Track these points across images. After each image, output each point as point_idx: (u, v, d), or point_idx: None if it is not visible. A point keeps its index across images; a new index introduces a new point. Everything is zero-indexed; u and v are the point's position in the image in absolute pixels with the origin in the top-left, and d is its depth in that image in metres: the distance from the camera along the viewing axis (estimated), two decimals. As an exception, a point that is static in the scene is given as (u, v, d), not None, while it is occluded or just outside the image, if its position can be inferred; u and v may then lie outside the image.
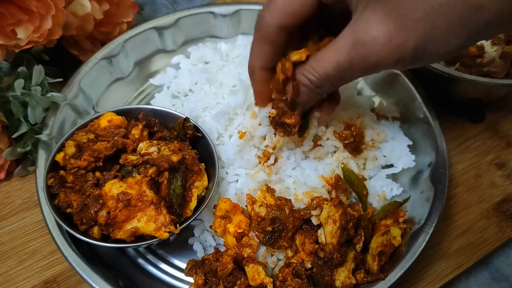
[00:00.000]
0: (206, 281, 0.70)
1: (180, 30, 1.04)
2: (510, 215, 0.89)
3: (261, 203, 0.72)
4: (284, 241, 0.70)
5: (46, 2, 0.84)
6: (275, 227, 0.70)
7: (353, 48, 0.58)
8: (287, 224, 0.70)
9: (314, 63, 0.64)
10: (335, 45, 0.61)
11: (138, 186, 0.69)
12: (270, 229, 0.70)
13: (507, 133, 1.00)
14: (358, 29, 0.57)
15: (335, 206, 0.70)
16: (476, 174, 0.94)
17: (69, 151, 0.72)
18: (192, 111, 0.89)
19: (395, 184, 0.85)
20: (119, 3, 1.02)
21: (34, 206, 0.86)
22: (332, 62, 0.61)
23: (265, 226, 0.70)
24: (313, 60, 0.65)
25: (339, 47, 0.60)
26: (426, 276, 0.81)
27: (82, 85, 0.92)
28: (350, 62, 0.59)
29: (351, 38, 0.58)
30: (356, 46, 0.58)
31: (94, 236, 0.69)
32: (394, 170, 0.86)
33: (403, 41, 0.55)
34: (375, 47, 0.56)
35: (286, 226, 0.70)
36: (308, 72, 0.64)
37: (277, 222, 0.70)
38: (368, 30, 0.56)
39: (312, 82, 0.65)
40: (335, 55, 0.60)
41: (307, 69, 0.65)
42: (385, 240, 0.73)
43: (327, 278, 0.69)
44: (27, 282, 0.77)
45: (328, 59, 0.61)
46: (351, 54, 0.58)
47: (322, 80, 0.64)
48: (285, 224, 0.70)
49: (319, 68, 0.63)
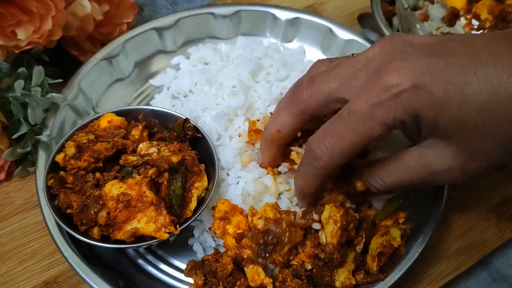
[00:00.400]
0: (206, 282, 0.70)
1: (180, 31, 1.04)
2: (509, 215, 0.89)
3: (260, 215, 0.72)
4: (279, 255, 0.69)
5: (46, 3, 0.84)
6: (269, 240, 0.69)
7: (426, 172, 0.61)
8: (282, 238, 0.69)
9: (383, 173, 0.65)
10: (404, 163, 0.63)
11: (138, 186, 0.69)
12: (262, 242, 0.69)
13: (506, 133, 1.00)
14: (429, 156, 0.60)
15: (336, 207, 0.70)
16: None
17: (69, 152, 0.72)
18: (192, 112, 0.89)
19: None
20: (119, 4, 1.02)
21: (34, 207, 0.86)
22: (403, 179, 0.63)
23: (259, 238, 0.70)
24: (380, 169, 0.66)
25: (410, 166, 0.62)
26: (425, 277, 0.81)
27: (82, 86, 0.92)
28: (421, 181, 0.63)
29: (421, 162, 0.61)
30: (429, 172, 0.60)
31: (94, 237, 0.69)
32: None
33: (477, 167, 0.59)
34: (449, 175, 0.60)
35: (281, 240, 0.69)
36: (375, 182, 0.67)
37: (271, 235, 0.70)
38: (442, 161, 0.59)
39: (378, 190, 0.68)
40: (407, 174, 0.63)
41: (375, 178, 0.67)
42: (384, 241, 0.73)
43: (327, 278, 0.69)
44: (27, 283, 0.77)
45: (399, 175, 0.64)
46: (425, 177, 0.61)
47: (386, 189, 0.67)
48: (280, 238, 0.69)
49: (388, 180, 0.65)
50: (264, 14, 1.05)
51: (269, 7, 1.05)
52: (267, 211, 0.72)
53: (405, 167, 0.63)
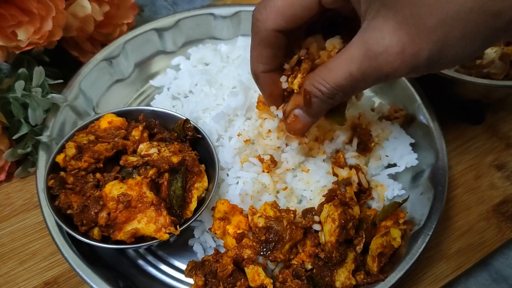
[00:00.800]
0: (206, 282, 0.70)
1: (180, 31, 1.04)
2: (509, 216, 0.89)
3: (261, 214, 0.72)
4: (280, 253, 0.69)
5: (47, 4, 0.84)
6: (270, 238, 0.70)
7: (365, 58, 0.56)
8: (284, 236, 0.69)
9: (325, 73, 0.61)
10: (346, 55, 0.59)
11: (138, 187, 0.69)
12: (264, 238, 0.70)
13: (506, 134, 1.01)
14: (369, 39, 0.56)
15: (335, 206, 0.71)
16: (476, 176, 0.94)
17: (69, 153, 0.72)
18: (192, 113, 0.89)
19: (397, 185, 0.85)
20: (119, 4, 1.02)
21: (34, 207, 0.86)
22: (344, 73, 0.59)
23: (260, 235, 0.70)
24: (323, 70, 0.62)
25: (351, 57, 0.58)
26: (425, 278, 0.81)
27: (83, 87, 0.92)
28: (362, 73, 0.58)
29: (363, 48, 0.56)
30: (368, 57, 0.56)
31: (94, 237, 0.69)
32: (398, 169, 0.86)
33: (417, 51, 0.53)
34: (388, 57, 0.54)
35: (282, 238, 0.69)
36: (319, 83, 0.62)
37: (272, 232, 0.70)
38: (380, 40, 0.54)
39: (324, 93, 0.63)
40: (347, 66, 0.58)
41: (318, 80, 0.62)
42: (385, 241, 0.73)
43: (327, 279, 0.70)
44: (27, 283, 0.78)
45: (340, 70, 0.59)
46: (364, 64, 0.57)
47: (334, 91, 0.62)
48: (281, 236, 0.70)
49: (331, 79, 0.61)
50: (264, 14, 1.05)
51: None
52: (267, 210, 0.73)
53: (346, 59, 0.58)
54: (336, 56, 0.61)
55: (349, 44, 0.59)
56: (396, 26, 0.53)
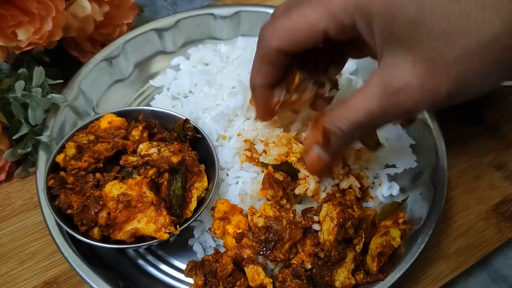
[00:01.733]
0: (206, 282, 0.70)
1: (180, 31, 1.04)
2: (509, 216, 0.89)
3: (260, 214, 0.73)
4: (280, 252, 0.70)
5: (47, 4, 0.84)
6: (270, 237, 0.70)
7: (385, 94, 0.55)
8: (283, 235, 0.70)
9: (345, 111, 0.60)
10: (365, 92, 0.58)
11: (138, 187, 0.69)
12: (263, 238, 0.70)
13: (506, 134, 1.01)
14: (388, 75, 0.55)
15: (333, 205, 0.71)
16: (475, 175, 0.94)
17: (69, 152, 0.72)
18: (192, 113, 0.89)
19: (395, 185, 0.86)
20: (119, 4, 1.02)
21: (34, 207, 0.86)
22: (364, 110, 0.58)
23: (260, 235, 0.70)
24: (342, 107, 0.61)
25: (370, 93, 0.57)
26: (425, 277, 0.81)
27: (82, 87, 0.92)
28: (383, 109, 0.57)
29: (381, 84, 0.55)
30: (388, 93, 0.55)
31: (94, 237, 0.69)
32: (397, 170, 0.86)
33: (437, 86, 0.52)
34: (408, 93, 0.54)
35: (281, 237, 0.70)
36: (338, 121, 0.61)
37: (272, 232, 0.70)
38: (399, 76, 0.54)
39: (343, 131, 0.61)
40: (367, 102, 0.57)
41: (337, 117, 0.61)
42: (384, 241, 0.73)
43: (327, 278, 0.70)
44: (27, 283, 0.78)
45: (360, 107, 0.58)
46: (384, 101, 0.56)
47: (353, 128, 0.61)
48: (281, 235, 0.70)
49: (351, 116, 0.59)
50: (264, 14, 1.05)
51: (269, 8, 1.05)
52: (267, 210, 0.73)
53: (365, 96, 0.58)
54: (356, 93, 0.60)
55: (368, 81, 0.58)
56: (414, 61, 0.52)
